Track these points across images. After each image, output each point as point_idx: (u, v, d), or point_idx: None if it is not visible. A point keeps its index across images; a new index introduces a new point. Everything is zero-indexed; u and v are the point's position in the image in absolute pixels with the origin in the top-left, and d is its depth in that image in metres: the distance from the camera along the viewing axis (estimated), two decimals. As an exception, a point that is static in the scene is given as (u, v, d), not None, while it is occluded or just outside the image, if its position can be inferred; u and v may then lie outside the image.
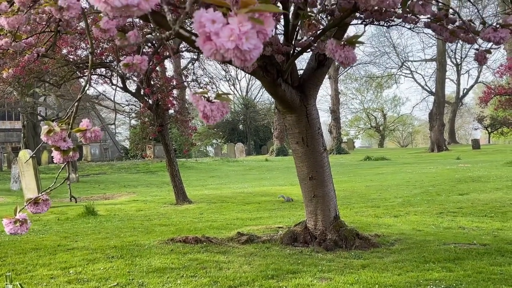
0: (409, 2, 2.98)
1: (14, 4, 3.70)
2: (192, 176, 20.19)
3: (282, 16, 5.37)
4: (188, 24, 7.57)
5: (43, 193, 2.99)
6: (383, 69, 46.71)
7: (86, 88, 3.18)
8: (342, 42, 2.18)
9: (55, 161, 3.01)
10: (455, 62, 44.14)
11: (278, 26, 5.64)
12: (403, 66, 44.56)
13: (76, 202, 10.34)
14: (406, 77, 47.69)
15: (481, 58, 3.58)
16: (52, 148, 2.96)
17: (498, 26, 2.82)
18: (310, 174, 5.90)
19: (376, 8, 3.65)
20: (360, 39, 2.26)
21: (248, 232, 6.66)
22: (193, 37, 1.10)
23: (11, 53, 6.34)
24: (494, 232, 6.46)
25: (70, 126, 3.05)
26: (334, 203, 6.02)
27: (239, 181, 17.63)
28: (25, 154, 10.71)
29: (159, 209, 10.53)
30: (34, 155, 9.80)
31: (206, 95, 1.41)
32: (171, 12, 1.15)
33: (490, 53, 3.68)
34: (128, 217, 9.45)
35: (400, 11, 3.82)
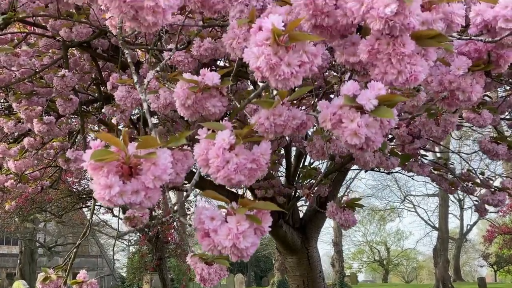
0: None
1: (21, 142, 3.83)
2: (189, 309, 19.43)
3: (284, 159, 5.50)
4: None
5: None
6: (386, 202, 46.48)
7: (87, 234, 3.17)
8: (342, 205, 2.21)
9: (47, 310, 2.92)
10: (457, 197, 44.18)
11: (280, 168, 5.76)
12: (406, 200, 44.52)
13: None
14: (409, 211, 47.34)
15: (481, 210, 3.60)
16: (46, 297, 2.89)
17: (496, 188, 2.88)
18: (311, 320, 5.68)
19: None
20: (361, 174, 2.30)
21: None
22: (191, 227, 1.12)
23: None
24: None
25: (67, 273, 3.01)
26: None
27: (237, 317, 16.91)
28: (19, 286, 10.42)
29: None
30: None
31: (204, 257, 1.41)
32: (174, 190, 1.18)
33: (490, 204, 3.70)
34: None
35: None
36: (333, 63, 1.38)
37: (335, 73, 2.01)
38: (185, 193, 1.34)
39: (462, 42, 1.30)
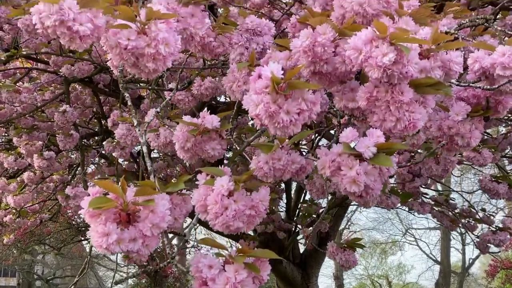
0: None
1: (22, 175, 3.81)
2: None
3: (284, 194, 5.48)
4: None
5: None
6: (387, 236, 45.90)
7: (84, 272, 3.14)
8: (343, 245, 2.19)
9: None
10: (459, 231, 43.63)
11: (280, 203, 5.73)
12: (407, 233, 43.98)
13: None
14: (411, 244, 46.71)
15: (482, 248, 3.56)
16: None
17: (496, 228, 2.86)
18: None
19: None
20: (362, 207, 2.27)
21: None
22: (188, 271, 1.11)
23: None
24: None
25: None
26: None
27: None
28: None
29: None
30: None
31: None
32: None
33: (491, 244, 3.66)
34: None
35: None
36: (333, 107, 1.38)
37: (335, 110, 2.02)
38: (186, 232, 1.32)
39: (461, 87, 1.30)
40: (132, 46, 1.04)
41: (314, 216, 4.69)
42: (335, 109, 1.23)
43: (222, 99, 4.39)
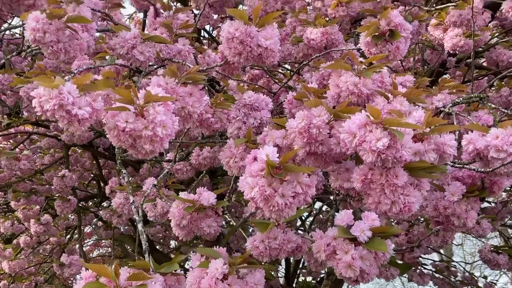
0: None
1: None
2: None
3: (283, 259, 5.40)
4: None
5: None
6: (389, 299, 45.03)
7: None
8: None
9: None
10: None
11: (279, 268, 5.64)
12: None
13: None
14: (413, 308, 45.74)
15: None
16: None
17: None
18: None
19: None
20: None
21: None
22: None
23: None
24: None
25: None
26: None
27: None
28: None
29: None
30: None
31: None
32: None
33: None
34: None
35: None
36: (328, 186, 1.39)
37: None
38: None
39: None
40: (130, 129, 1.06)
41: (314, 282, 4.61)
42: (330, 192, 1.23)
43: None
